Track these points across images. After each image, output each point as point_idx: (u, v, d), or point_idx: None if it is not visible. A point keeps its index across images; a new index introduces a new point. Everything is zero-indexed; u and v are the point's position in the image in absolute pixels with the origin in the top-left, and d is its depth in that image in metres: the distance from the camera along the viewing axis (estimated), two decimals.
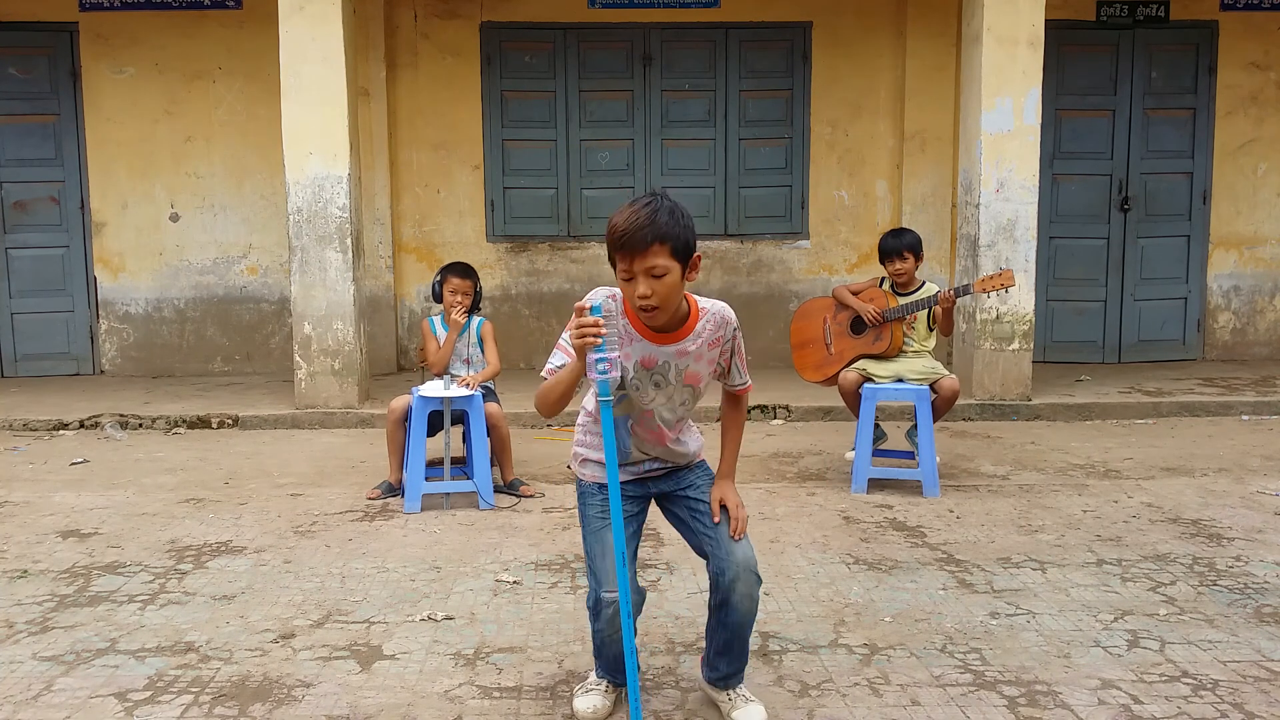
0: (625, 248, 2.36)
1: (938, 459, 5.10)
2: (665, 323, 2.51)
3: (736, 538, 2.58)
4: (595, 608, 2.63)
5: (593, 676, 2.80)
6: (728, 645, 2.66)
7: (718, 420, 2.85)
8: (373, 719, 2.73)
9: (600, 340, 2.32)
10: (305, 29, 6.61)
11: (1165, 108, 8.52)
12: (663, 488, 2.71)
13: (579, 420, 2.74)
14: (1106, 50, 8.44)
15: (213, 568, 3.95)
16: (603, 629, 2.62)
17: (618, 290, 2.49)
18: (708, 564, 2.65)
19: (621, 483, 2.56)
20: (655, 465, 2.69)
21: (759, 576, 2.63)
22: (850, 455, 5.21)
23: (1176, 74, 8.51)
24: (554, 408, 2.54)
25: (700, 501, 2.66)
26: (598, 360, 2.33)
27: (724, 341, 2.62)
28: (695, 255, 2.49)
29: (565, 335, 2.47)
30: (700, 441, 2.76)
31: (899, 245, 5.05)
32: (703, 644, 2.83)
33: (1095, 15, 8.41)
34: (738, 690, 2.72)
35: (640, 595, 2.78)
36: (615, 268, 2.42)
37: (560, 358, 2.53)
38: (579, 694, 2.75)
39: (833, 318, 5.23)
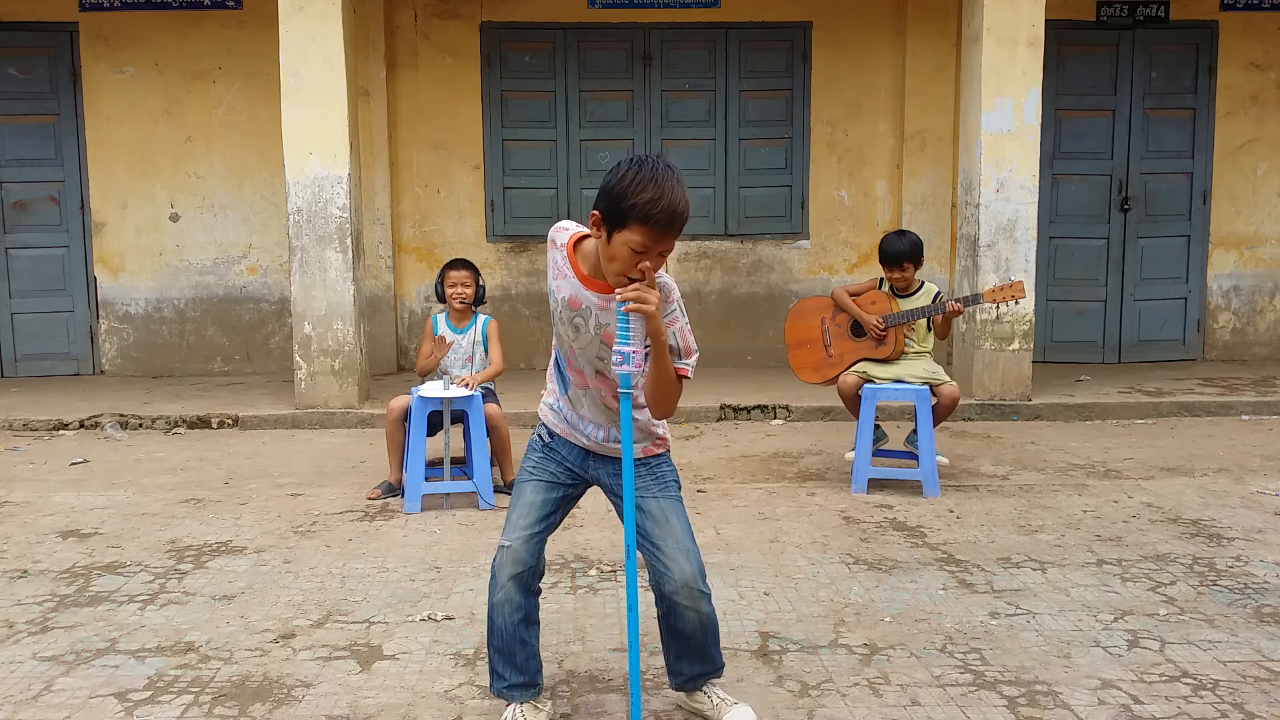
0: (663, 230, 2.26)
1: (939, 459, 5.10)
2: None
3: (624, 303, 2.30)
4: (493, 561, 2.61)
5: (508, 714, 2.59)
6: (685, 650, 2.64)
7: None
8: (373, 719, 2.73)
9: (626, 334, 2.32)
10: (305, 29, 6.61)
11: (1165, 108, 8.52)
12: (609, 481, 2.61)
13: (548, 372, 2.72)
14: (1106, 50, 8.44)
15: (213, 568, 3.95)
16: (492, 584, 2.58)
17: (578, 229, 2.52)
18: (648, 570, 2.59)
19: (560, 439, 2.62)
20: (600, 435, 2.58)
21: (704, 591, 2.54)
22: (850, 455, 5.21)
23: (1176, 74, 8.51)
24: None
25: (643, 500, 2.54)
26: (614, 352, 2.35)
27: (664, 314, 2.42)
28: None
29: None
30: (648, 415, 2.57)
31: (899, 256, 4.99)
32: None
33: (1095, 15, 8.41)
34: (715, 691, 2.67)
35: (540, 566, 2.63)
36: (619, 230, 2.28)
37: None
38: None
39: (831, 319, 5.21)
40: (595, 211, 2.34)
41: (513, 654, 2.59)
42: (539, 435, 2.68)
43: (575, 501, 2.72)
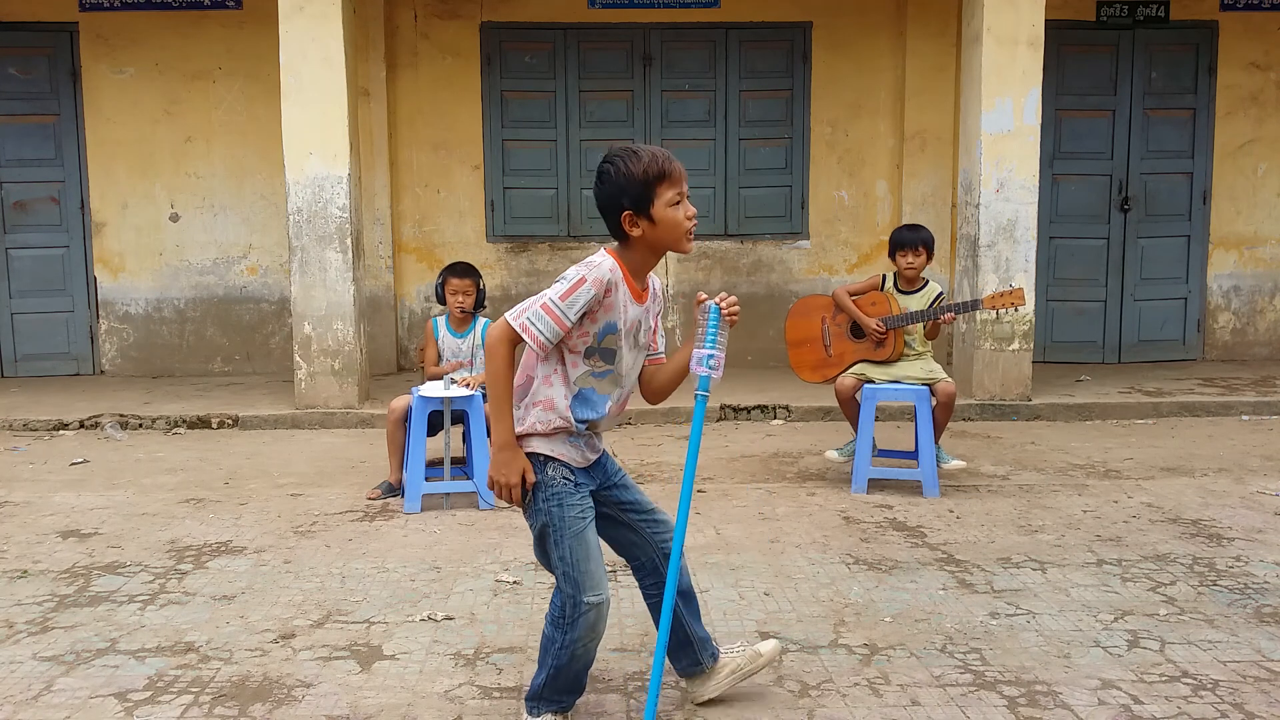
0: (675, 174, 2.45)
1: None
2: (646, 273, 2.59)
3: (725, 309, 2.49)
4: (572, 616, 2.46)
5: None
6: (694, 610, 2.73)
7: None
8: (373, 719, 2.73)
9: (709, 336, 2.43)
10: (305, 29, 6.61)
11: (1165, 108, 8.52)
12: (595, 482, 2.62)
13: (528, 404, 2.53)
14: (1106, 50, 8.44)
15: (213, 568, 3.95)
16: (579, 638, 2.47)
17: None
18: (643, 551, 2.67)
19: (581, 471, 2.54)
20: (602, 444, 2.65)
21: None
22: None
23: (1176, 74, 8.51)
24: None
25: (624, 478, 2.69)
26: (708, 357, 2.43)
27: (658, 309, 2.67)
28: None
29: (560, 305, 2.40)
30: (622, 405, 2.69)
31: (915, 239, 5.03)
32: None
33: (1095, 15, 8.41)
34: (732, 645, 2.83)
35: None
36: (654, 203, 2.43)
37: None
38: None
39: (832, 318, 5.21)
40: (626, 213, 2.44)
41: (581, 681, 2.61)
42: (564, 479, 2.50)
43: None
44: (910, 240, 5.04)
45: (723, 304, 2.46)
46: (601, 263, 2.43)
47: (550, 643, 2.51)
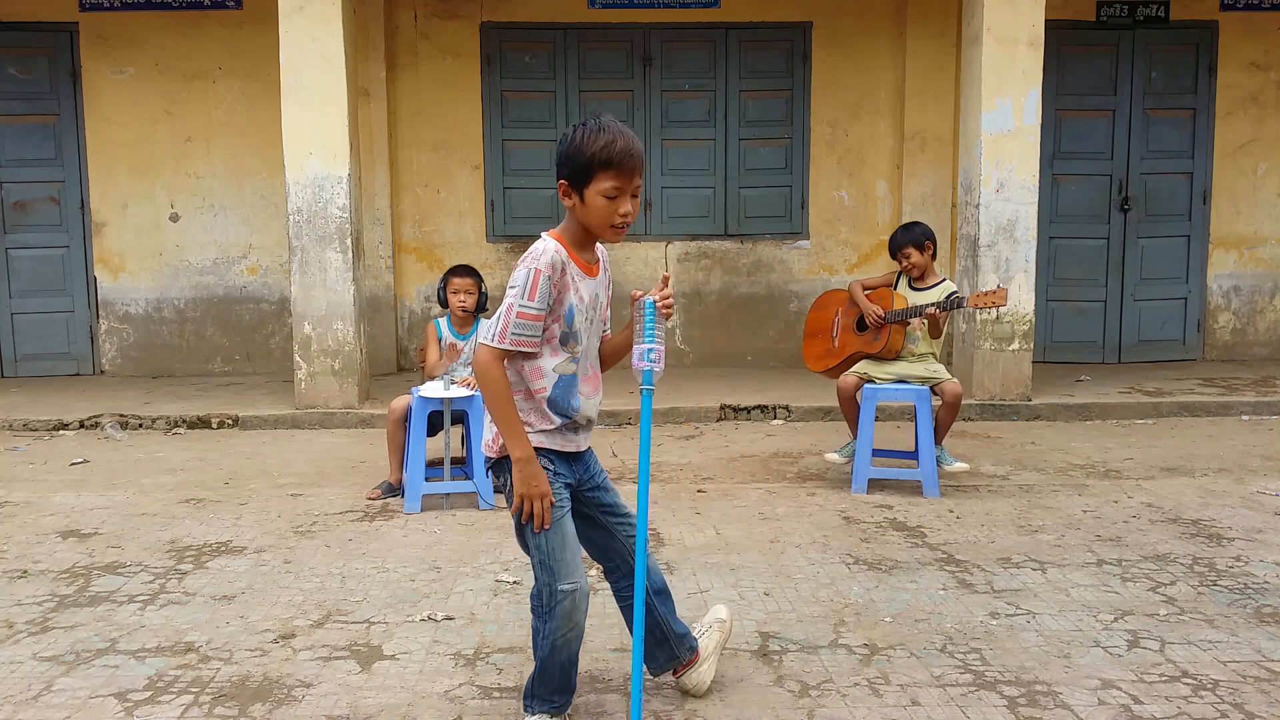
0: (623, 167, 2.38)
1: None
2: (594, 251, 2.58)
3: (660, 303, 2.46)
4: (549, 605, 2.46)
5: None
6: (670, 607, 2.74)
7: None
8: (373, 719, 2.73)
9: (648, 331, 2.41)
10: (305, 29, 6.61)
11: (1165, 108, 8.52)
12: (583, 477, 2.62)
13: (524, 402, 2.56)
14: (1106, 50, 8.44)
15: (213, 568, 3.95)
16: (558, 628, 2.47)
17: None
18: (618, 554, 2.68)
19: (560, 458, 2.53)
20: (587, 433, 2.62)
21: None
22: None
23: (1176, 74, 8.51)
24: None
25: (605, 480, 2.68)
26: (647, 352, 2.41)
27: (608, 281, 2.66)
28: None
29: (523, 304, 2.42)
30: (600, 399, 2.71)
31: (907, 239, 5.07)
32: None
33: (1095, 15, 8.41)
34: (706, 630, 2.87)
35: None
36: (588, 186, 2.40)
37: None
38: None
39: (844, 311, 5.26)
40: (561, 180, 2.45)
41: (569, 678, 2.59)
42: (545, 469, 2.49)
43: None
44: (903, 241, 5.09)
45: (657, 297, 2.43)
46: (544, 248, 2.46)
47: (535, 634, 2.55)
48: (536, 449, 2.46)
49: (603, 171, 2.38)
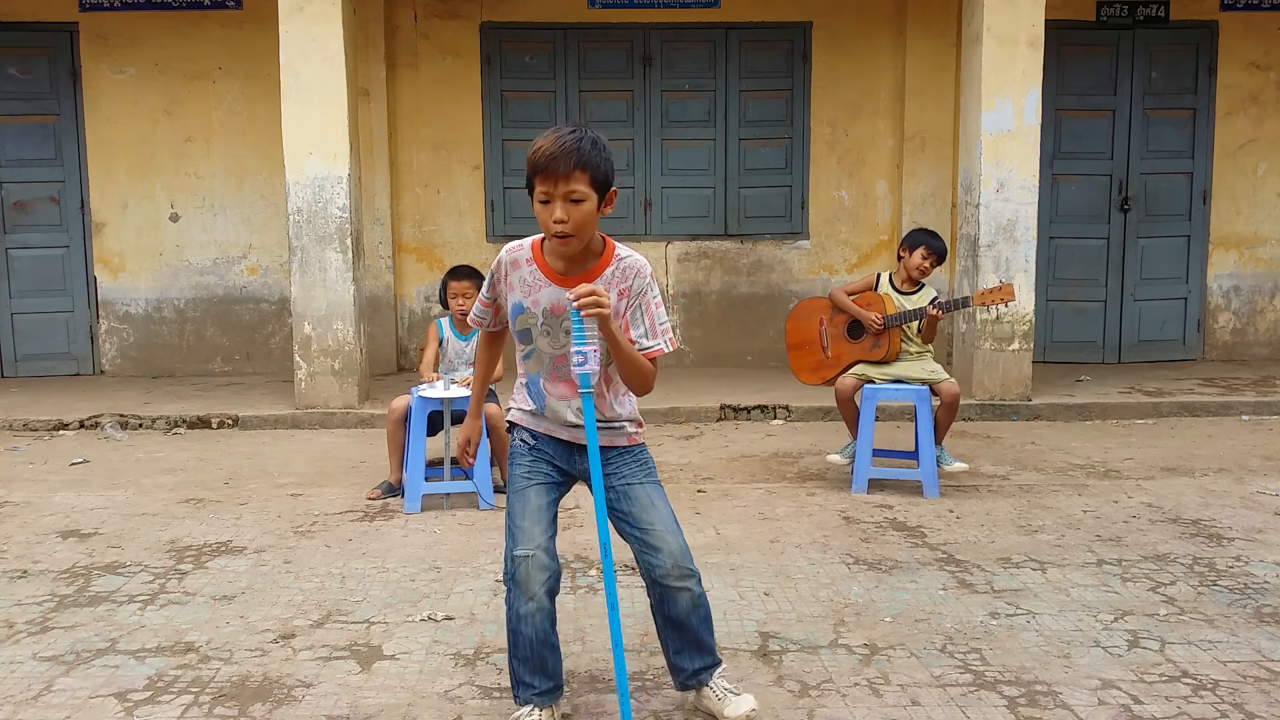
0: (548, 171, 2.37)
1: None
2: (579, 259, 2.51)
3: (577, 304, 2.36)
4: (510, 571, 2.53)
5: (521, 714, 2.58)
6: (683, 641, 2.65)
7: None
8: (373, 719, 2.73)
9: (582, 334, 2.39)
10: (305, 29, 6.61)
11: (1165, 108, 8.52)
12: (566, 460, 2.65)
13: (515, 383, 2.75)
14: (1106, 50, 8.44)
15: (213, 568, 3.95)
16: (517, 595, 2.51)
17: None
18: (640, 562, 2.62)
19: (544, 437, 2.63)
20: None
21: (693, 570, 2.60)
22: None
23: (1176, 74, 8.51)
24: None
25: (629, 487, 2.60)
26: (576, 354, 2.39)
27: (633, 293, 2.52)
28: (612, 190, 2.48)
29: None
30: (633, 405, 2.67)
31: (938, 246, 4.99)
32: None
33: (1095, 15, 8.41)
34: (719, 684, 2.67)
35: (560, 567, 2.60)
36: (532, 192, 2.44)
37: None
38: None
39: (829, 320, 5.20)
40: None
41: (544, 661, 2.57)
42: (521, 441, 2.66)
43: (564, 492, 2.71)
44: (933, 245, 4.98)
45: (573, 299, 2.33)
46: (509, 246, 2.61)
47: (506, 606, 2.60)
48: (514, 424, 2.71)
49: (534, 177, 2.41)
